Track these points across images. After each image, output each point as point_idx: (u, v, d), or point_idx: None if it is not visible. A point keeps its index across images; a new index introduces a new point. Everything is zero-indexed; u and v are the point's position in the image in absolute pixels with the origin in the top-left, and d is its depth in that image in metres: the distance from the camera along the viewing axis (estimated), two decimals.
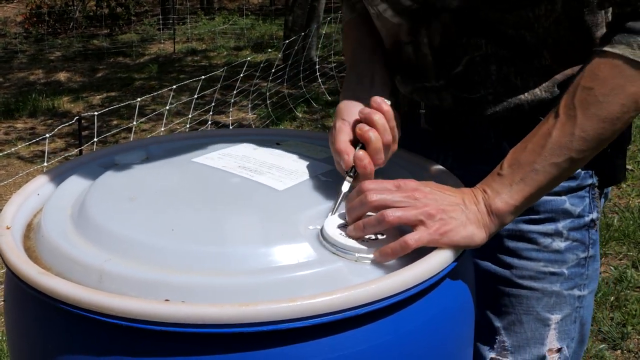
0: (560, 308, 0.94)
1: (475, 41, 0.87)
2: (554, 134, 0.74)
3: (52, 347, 0.67)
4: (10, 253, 0.70)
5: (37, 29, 9.84)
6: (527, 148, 0.76)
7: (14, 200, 0.83)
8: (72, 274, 0.68)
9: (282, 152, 0.94)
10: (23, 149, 4.84)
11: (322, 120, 5.34)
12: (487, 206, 0.75)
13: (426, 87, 0.93)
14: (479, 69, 0.88)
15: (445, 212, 0.72)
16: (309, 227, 0.74)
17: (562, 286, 0.94)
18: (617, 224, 2.99)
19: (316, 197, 0.80)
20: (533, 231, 0.92)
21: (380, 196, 0.71)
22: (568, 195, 0.92)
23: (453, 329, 0.74)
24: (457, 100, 0.91)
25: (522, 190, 0.75)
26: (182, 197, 0.80)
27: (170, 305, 0.61)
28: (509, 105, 0.89)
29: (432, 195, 0.73)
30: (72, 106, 6.26)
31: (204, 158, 0.91)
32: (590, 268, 0.96)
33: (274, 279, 0.65)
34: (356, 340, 0.64)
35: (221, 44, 9.23)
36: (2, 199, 4.00)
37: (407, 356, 0.68)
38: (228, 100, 5.28)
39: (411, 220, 0.70)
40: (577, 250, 0.94)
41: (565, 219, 0.92)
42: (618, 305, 2.41)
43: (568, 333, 0.96)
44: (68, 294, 0.63)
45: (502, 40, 0.86)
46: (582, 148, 0.74)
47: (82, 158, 0.96)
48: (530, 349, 0.95)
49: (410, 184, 0.73)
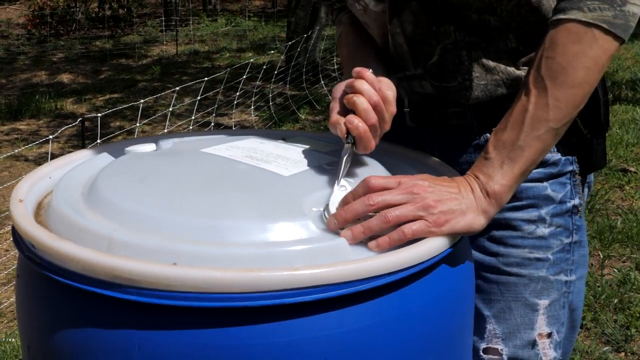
0: (548, 293, 0.96)
1: (445, 29, 0.90)
2: (529, 109, 0.77)
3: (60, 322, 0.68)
4: (23, 221, 0.71)
5: (39, 31, 9.86)
6: (507, 127, 0.78)
7: (27, 179, 0.85)
8: (82, 242, 0.68)
9: (288, 145, 0.95)
10: (26, 151, 4.85)
11: (325, 122, 5.34)
12: (483, 191, 0.77)
13: (407, 76, 0.96)
14: (452, 57, 0.91)
15: (443, 203, 0.74)
16: (313, 209, 0.75)
17: (548, 272, 0.96)
18: (620, 226, 2.99)
19: (321, 183, 0.81)
20: (517, 218, 0.94)
21: (380, 198, 0.73)
22: (549, 181, 0.94)
23: (455, 309, 0.76)
24: (437, 89, 0.94)
25: (513, 169, 0.77)
26: (190, 180, 0.81)
27: (178, 269, 0.62)
28: (487, 88, 0.92)
29: (431, 188, 0.74)
30: (75, 107, 6.27)
31: (212, 149, 0.92)
32: (575, 254, 0.98)
33: (277, 251, 0.66)
34: (360, 317, 0.65)
35: (224, 45, 9.24)
36: (6, 200, 4.01)
37: (411, 334, 0.69)
38: (231, 102, 5.28)
39: (410, 217, 0.72)
40: (561, 235, 0.96)
41: (547, 205, 0.94)
42: (622, 307, 2.41)
43: (557, 318, 0.98)
44: (78, 256, 0.64)
45: (469, 25, 0.89)
46: (558, 117, 0.77)
47: (94, 149, 0.98)
48: (520, 334, 0.97)
49: (409, 180, 0.75)
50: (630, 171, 3.66)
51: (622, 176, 3.61)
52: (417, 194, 0.73)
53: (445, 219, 0.73)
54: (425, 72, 0.94)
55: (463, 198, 0.76)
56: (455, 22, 0.89)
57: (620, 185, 3.52)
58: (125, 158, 0.90)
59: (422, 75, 0.95)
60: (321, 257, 0.66)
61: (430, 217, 0.72)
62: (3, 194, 4.08)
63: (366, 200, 0.73)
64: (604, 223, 3.02)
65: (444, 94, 0.94)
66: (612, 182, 3.54)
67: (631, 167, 3.73)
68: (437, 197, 0.74)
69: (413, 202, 0.73)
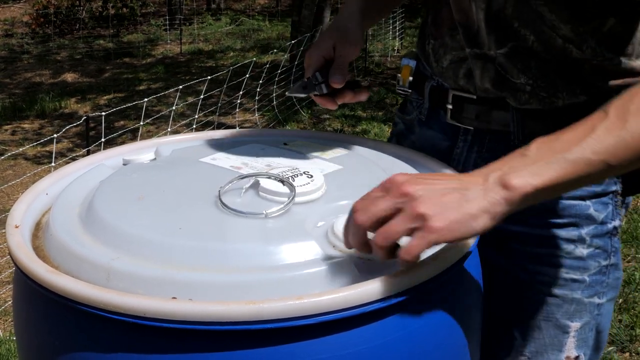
0: (580, 316, 0.93)
1: (525, 33, 0.86)
2: (598, 130, 0.66)
3: (60, 345, 0.68)
4: (19, 252, 0.71)
5: (43, 30, 9.88)
6: (561, 137, 0.67)
7: (23, 199, 0.83)
8: (80, 273, 0.68)
9: (289, 152, 0.94)
10: (30, 150, 4.85)
11: (328, 121, 5.34)
12: (499, 180, 0.65)
13: (477, 54, 0.91)
14: (521, 59, 0.87)
15: (438, 203, 0.64)
16: (317, 225, 0.74)
17: (582, 293, 0.92)
18: (625, 226, 2.98)
19: (324, 195, 0.80)
20: (556, 237, 0.91)
21: (366, 215, 0.65)
22: (592, 200, 0.90)
23: (460, 326, 0.74)
24: (498, 77, 0.90)
25: (549, 173, 0.65)
26: (189, 196, 0.80)
27: (178, 303, 0.61)
28: (544, 101, 0.88)
29: (423, 185, 0.65)
30: (79, 107, 6.28)
31: (211, 158, 0.91)
32: (611, 276, 0.94)
33: (281, 277, 0.65)
34: (363, 338, 0.64)
35: (228, 44, 9.24)
36: (10, 199, 4.02)
37: (414, 354, 0.68)
38: (234, 101, 5.28)
39: (404, 232, 0.64)
40: (599, 257, 0.92)
41: (588, 225, 0.91)
42: (626, 307, 2.40)
43: (586, 341, 0.95)
44: (76, 292, 0.63)
45: (550, 46, 0.86)
46: (621, 154, 0.66)
47: (90, 158, 0.97)
48: (547, 355, 0.94)
49: (397, 180, 0.66)
50: None
51: None
52: (408, 195, 0.64)
53: (442, 225, 0.63)
54: (497, 56, 0.89)
55: (465, 190, 0.65)
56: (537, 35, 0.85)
57: None
58: (123, 171, 0.89)
59: (493, 59, 0.89)
60: (326, 280, 0.65)
61: (428, 224, 0.63)
62: (7, 192, 4.08)
63: (354, 225, 0.66)
64: None
65: (501, 88, 0.90)
66: None
67: None
68: (431, 196, 0.64)
69: (404, 211, 0.64)
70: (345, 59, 0.95)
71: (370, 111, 5.58)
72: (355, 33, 0.98)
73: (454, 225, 0.63)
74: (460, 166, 0.97)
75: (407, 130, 1.08)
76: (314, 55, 0.96)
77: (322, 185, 0.80)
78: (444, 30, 0.96)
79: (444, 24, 0.96)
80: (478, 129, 0.95)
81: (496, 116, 0.92)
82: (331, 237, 0.71)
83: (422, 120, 1.04)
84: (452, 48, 0.95)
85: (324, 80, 0.94)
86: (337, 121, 5.31)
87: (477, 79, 0.92)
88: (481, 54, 0.90)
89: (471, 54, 0.91)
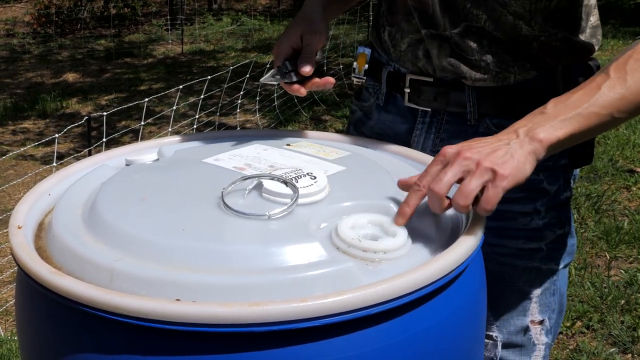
0: (540, 282, 1.00)
1: (477, 13, 0.93)
2: (603, 89, 0.77)
3: (63, 346, 0.67)
4: (22, 252, 0.70)
5: (45, 29, 9.88)
6: (573, 96, 0.78)
7: (26, 199, 0.83)
8: (83, 274, 0.68)
9: (292, 153, 0.94)
10: (32, 149, 4.85)
11: (329, 121, 5.33)
12: (528, 134, 0.76)
13: (433, 34, 0.97)
14: (474, 37, 0.94)
15: (496, 157, 0.73)
16: (320, 226, 0.74)
17: (541, 262, 1.00)
18: (627, 227, 2.97)
19: (327, 197, 0.80)
20: (513, 210, 0.97)
21: (442, 183, 0.73)
22: (545, 174, 0.97)
23: (465, 328, 0.74)
24: (454, 55, 0.96)
25: (567, 126, 0.77)
26: (192, 197, 0.79)
27: (181, 305, 0.61)
28: (497, 76, 0.95)
29: (475, 149, 0.75)
30: (81, 107, 6.27)
31: (214, 159, 0.91)
32: (566, 244, 1.02)
33: (285, 278, 0.65)
34: (367, 340, 0.64)
35: (229, 45, 9.24)
36: (11, 199, 4.02)
37: (419, 356, 0.68)
38: (235, 101, 5.28)
39: (479, 187, 0.72)
40: (554, 227, 1.00)
41: (542, 198, 0.98)
42: (629, 308, 2.39)
43: (548, 305, 1.02)
44: (79, 293, 0.63)
45: (501, 23, 0.93)
46: (625, 109, 0.78)
47: (93, 158, 0.97)
48: (513, 321, 1.01)
49: (451, 151, 0.75)
50: (637, 172, 3.63)
51: (628, 177, 3.59)
52: (468, 159, 0.73)
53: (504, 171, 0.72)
54: (451, 36, 0.96)
55: (508, 145, 0.75)
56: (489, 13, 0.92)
57: (627, 186, 3.50)
58: (125, 172, 0.89)
59: (448, 38, 0.96)
60: (330, 282, 0.65)
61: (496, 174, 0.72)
62: (9, 192, 4.08)
63: (431, 192, 0.73)
64: (610, 224, 3.00)
65: (457, 63, 0.96)
66: (619, 183, 3.52)
67: (638, 168, 3.70)
68: (486, 154, 0.73)
69: (471, 171, 0.73)
70: (313, 47, 0.99)
71: None
72: (321, 23, 1.03)
73: (515, 171, 0.73)
74: (420, 147, 1.03)
75: (364, 116, 1.13)
76: (283, 44, 1.01)
77: (325, 186, 0.79)
78: (399, 17, 1.02)
79: (399, 11, 1.02)
80: (435, 110, 1.01)
81: (453, 97, 0.99)
82: (335, 238, 0.71)
83: (379, 105, 1.09)
84: (408, 32, 1.01)
85: (293, 69, 0.98)
86: (338, 122, 5.30)
87: (434, 58, 0.98)
88: (437, 34, 0.97)
89: (427, 34, 0.98)
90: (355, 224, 0.73)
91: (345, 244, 0.70)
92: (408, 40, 1.01)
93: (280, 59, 1.00)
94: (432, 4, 0.95)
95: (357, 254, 0.69)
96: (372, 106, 1.11)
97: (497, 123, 0.96)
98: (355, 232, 0.71)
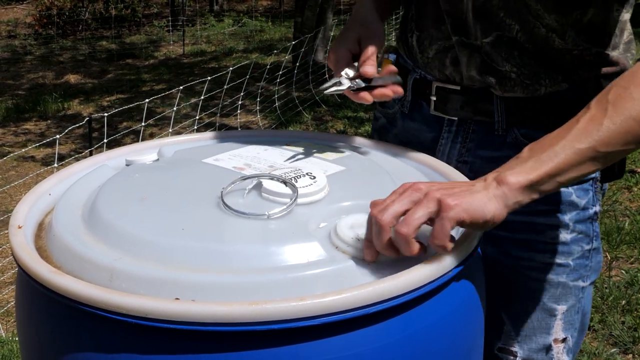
0: (566, 299, 0.97)
1: (510, 23, 0.90)
2: (581, 121, 0.72)
3: (63, 345, 0.68)
4: (22, 252, 0.71)
5: (46, 31, 9.89)
6: (550, 135, 0.73)
7: (26, 199, 0.84)
8: (83, 273, 0.68)
9: (292, 153, 0.94)
10: (33, 150, 4.86)
11: (330, 122, 5.34)
12: (496, 179, 0.71)
13: (464, 42, 0.94)
14: (505, 48, 0.91)
15: (450, 191, 0.69)
16: (320, 226, 0.74)
17: (567, 277, 0.96)
18: (628, 228, 2.97)
19: (327, 196, 0.80)
20: (541, 223, 0.94)
21: (387, 213, 0.68)
22: (574, 187, 0.94)
23: (463, 328, 0.74)
24: (484, 65, 0.93)
25: (541, 167, 0.71)
26: (192, 197, 0.80)
27: (180, 304, 0.61)
28: (527, 88, 0.92)
29: (436, 184, 0.71)
30: (82, 108, 6.28)
31: (214, 159, 0.91)
32: (593, 260, 0.99)
33: (284, 278, 0.65)
34: (366, 339, 0.64)
35: (230, 46, 9.25)
36: (12, 200, 4.03)
37: (418, 355, 0.68)
38: (236, 102, 5.28)
39: (423, 217, 0.68)
40: (582, 242, 0.96)
41: (571, 211, 0.94)
42: (629, 309, 2.39)
43: (572, 323, 0.99)
44: (79, 292, 0.63)
45: (533, 35, 0.89)
46: (606, 140, 0.71)
47: (93, 159, 0.97)
48: (536, 338, 0.98)
49: (408, 184, 0.71)
50: (638, 172, 3.63)
51: (629, 177, 3.59)
52: (420, 189, 0.70)
53: (457, 202, 0.68)
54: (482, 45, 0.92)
55: (472, 186, 0.71)
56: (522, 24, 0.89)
57: (628, 186, 3.50)
58: (125, 172, 0.89)
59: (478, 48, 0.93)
60: (329, 282, 0.65)
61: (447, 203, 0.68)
62: (10, 193, 4.09)
63: (376, 225, 0.69)
64: (611, 224, 3.00)
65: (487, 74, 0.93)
66: (620, 183, 3.52)
67: (639, 168, 3.70)
68: (442, 186, 0.70)
69: (419, 201, 0.69)
70: (373, 50, 0.95)
71: (372, 112, 5.58)
72: (377, 26, 0.99)
73: (467, 205, 0.68)
74: (445, 156, 1.00)
75: (389, 124, 1.10)
76: (341, 50, 0.95)
77: (324, 186, 0.80)
78: (429, 22, 0.99)
79: (429, 17, 0.99)
80: (462, 119, 0.98)
81: (480, 106, 0.95)
82: (334, 238, 0.71)
83: (404, 113, 1.06)
84: (437, 38, 0.98)
85: (357, 75, 0.92)
86: (340, 122, 5.30)
87: (464, 67, 0.95)
88: (468, 43, 0.94)
89: (458, 42, 0.94)
90: (354, 224, 0.73)
91: (344, 243, 0.70)
92: (436, 47, 0.98)
93: (340, 65, 0.94)
94: (465, 11, 0.92)
95: (356, 253, 0.69)
96: (396, 113, 1.08)
97: (525, 133, 0.93)
98: (354, 232, 0.71)
